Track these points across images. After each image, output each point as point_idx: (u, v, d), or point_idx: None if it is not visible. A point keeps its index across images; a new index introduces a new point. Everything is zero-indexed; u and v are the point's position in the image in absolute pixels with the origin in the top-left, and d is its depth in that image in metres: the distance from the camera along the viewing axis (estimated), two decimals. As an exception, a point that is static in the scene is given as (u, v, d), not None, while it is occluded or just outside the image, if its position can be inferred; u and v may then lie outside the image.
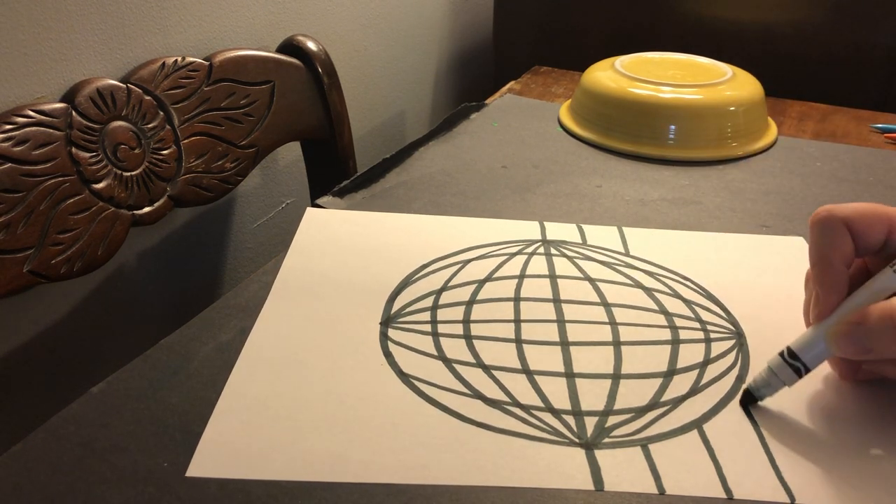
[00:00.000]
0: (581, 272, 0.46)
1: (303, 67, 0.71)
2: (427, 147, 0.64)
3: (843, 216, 0.34)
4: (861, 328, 0.33)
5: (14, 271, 0.51)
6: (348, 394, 0.36)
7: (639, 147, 0.64)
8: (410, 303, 0.43)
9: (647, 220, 0.53)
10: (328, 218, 0.52)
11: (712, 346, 0.40)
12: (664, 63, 0.71)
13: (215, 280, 0.78)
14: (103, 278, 0.65)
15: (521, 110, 0.73)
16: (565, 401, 0.36)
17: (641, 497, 0.31)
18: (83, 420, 0.34)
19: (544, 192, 0.57)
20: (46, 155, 0.53)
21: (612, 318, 0.42)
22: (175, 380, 0.37)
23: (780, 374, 0.35)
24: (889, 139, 0.69)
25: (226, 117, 0.65)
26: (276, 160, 0.82)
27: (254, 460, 0.32)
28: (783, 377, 0.35)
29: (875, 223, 0.34)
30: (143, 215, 0.59)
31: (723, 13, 0.86)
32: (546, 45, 0.99)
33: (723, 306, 0.43)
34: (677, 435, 0.34)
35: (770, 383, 0.35)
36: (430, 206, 0.54)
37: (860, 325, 0.33)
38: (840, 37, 0.82)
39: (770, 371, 0.35)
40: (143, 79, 0.59)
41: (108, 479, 0.31)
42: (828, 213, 0.35)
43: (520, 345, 0.40)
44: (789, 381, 0.35)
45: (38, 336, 0.61)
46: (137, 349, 0.39)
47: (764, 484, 0.32)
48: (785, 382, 0.35)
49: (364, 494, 0.31)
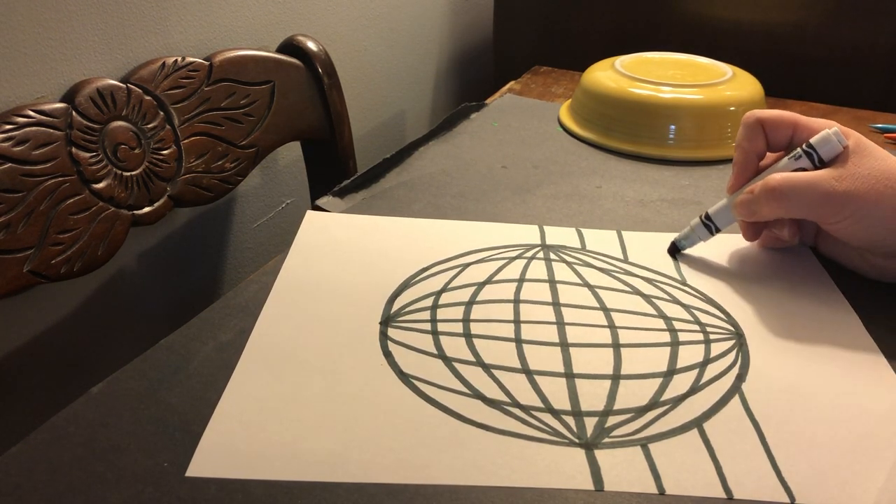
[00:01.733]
0: (580, 278, 0.46)
1: (303, 67, 0.71)
2: (427, 147, 0.64)
3: (759, 117, 0.46)
4: (750, 196, 0.44)
5: (14, 271, 0.51)
6: (348, 394, 0.36)
7: (639, 147, 0.64)
8: (410, 303, 0.43)
9: (647, 220, 0.53)
10: (328, 221, 0.52)
11: (712, 346, 0.40)
12: (664, 63, 0.71)
13: (215, 280, 0.78)
14: (103, 278, 0.65)
15: (521, 110, 0.73)
16: (565, 401, 0.36)
17: (641, 497, 0.31)
18: (83, 420, 0.34)
19: (544, 192, 0.57)
20: (46, 155, 0.53)
21: (612, 322, 0.42)
22: (175, 380, 0.37)
23: (698, 231, 0.48)
24: (889, 139, 0.69)
25: (226, 117, 0.65)
26: (276, 160, 0.82)
27: (254, 460, 0.32)
28: (699, 234, 0.48)
29: (782, 125, 0.45)
30: (143, 215, 0.59)
31: (723, 13, 0.86)
32: (546, 45, 0.99)
33: (722, 308, 0.43)
34: (677, 434, 0.34)
35: (690, 237, 0.48)
36: (430, 207, 0.54)
37: (749, 193, 0.44)
38: (840, 37, 0.82)
39: (691, 229, 0.48)
40: (143, 79, 0.59)
41: (108, 479, 0.31)
42: (750, 115, 0.46)
43: (520, 344, 0.40)
44: (704, 237, 0.48)
45: (38, 336, 0.61)
46: (137, 349, 0.39)
47: (764, 484, 0.32)
48: (701, 238, 0.48)
49: (364, 494, 0.31)
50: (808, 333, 0.41)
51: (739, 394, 0.37)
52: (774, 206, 0.43)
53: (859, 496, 0.31)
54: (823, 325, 0.42)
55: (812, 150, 0.44)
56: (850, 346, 0.40)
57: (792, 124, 0.45)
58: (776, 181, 0.43)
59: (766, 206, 0.43)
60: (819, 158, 0.43)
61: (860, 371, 0.38)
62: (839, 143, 0.43)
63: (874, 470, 0.32)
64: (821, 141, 0.43)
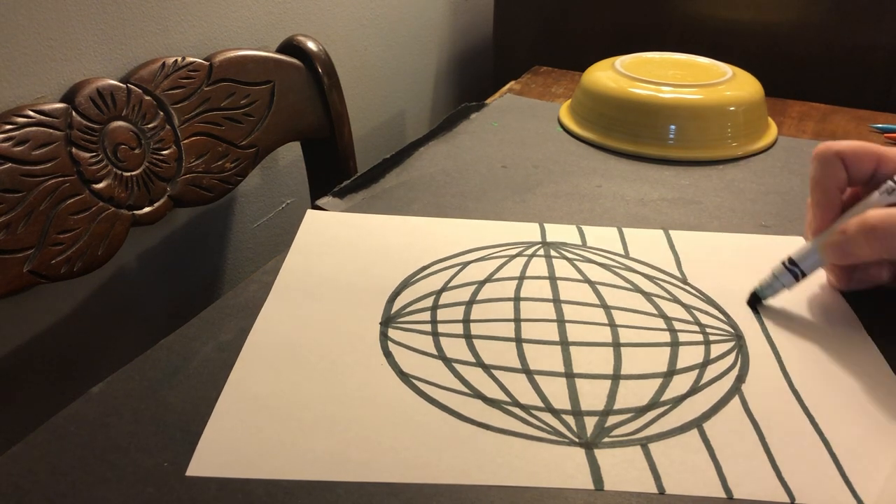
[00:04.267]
0: (581, 274, 0.46)
1: (303, 67, 0.71)
2: (427, 147, 0.64)
3: (837, 150, 0.42)
4: (843, 236, 0.40)
5: (14, 271, 0.51)
6: (348, 394, 0.36)
7: (639, 147, 0.64)
8: (410, 303, 0.43)
9: (647, 220, 0.53)
10: (328, 220, 0.52)
11: (712, 347, 0.40)
12: (664, 63, 0.71)
13: (215, 280, 0.78)
14: (103, 278, 0.65)
15: (521, 110, 0.73)
16: (565, 401, 0.36)
17: (641, 497, 0.31)
18: (83, 420, 0.34)
19: (544, 192, 0.57)
20: (46, 155, 0.53)
21: (612, 321, 0.42)
22: (175, 380, 0.37)
23: (782, 278, 0.43)
24: (889, 139, 0.69)
25: (226, 117, 0.65)
26: (276, 160, 0.82)
27: (254, 460, 0.32)
28: (784, 281, 0.43)
29: (864, 157, 0.42)
30: (143, 215, 0.59)
31: (723, 13, 0.86)
32: (546, 45, 0.99)
33: (722, 310, 0.43)
34: (677, 434, 0.34)
35: (772, 285, 0.43)
36: (430, 207, 0.54)
37: (842, 233, 0.40)
38: (840, 37, 0.82)
39: (773, 276, 0.43)
40: (143, 79, 0.59)
41: (108, 479, 0.31)
42: (826, 148, 0.42)
43: (520, 344, 0.40)
44: (788, 285, 0.43)
45: (38, 336, 0.61)
46: (137, 349, 0.39)
47: (764, 484, 0.32)
48: (785, 285, 0.43)
49: (364, 494, 0.31)
50: (808, 335, 0.41)
51: (739, 394, 0.37)
52: (876, 247, 0.39)
53: (859, 496, 0.31)
54: (823, 326, 0.42)
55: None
56: (850, 347, 0.40)
57: (875, 156, 0.41)
58: (877, 218, 0.38)
59: (867, 246, 0.39)
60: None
61: (860, 371, 0.38)
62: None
63: (874, 470, 0.32)
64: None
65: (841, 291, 0.44)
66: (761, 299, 0.43)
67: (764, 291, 0.43)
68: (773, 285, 0.43)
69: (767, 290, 0.43)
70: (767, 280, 0.43)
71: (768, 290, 0.43)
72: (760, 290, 0.43)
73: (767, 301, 0.43)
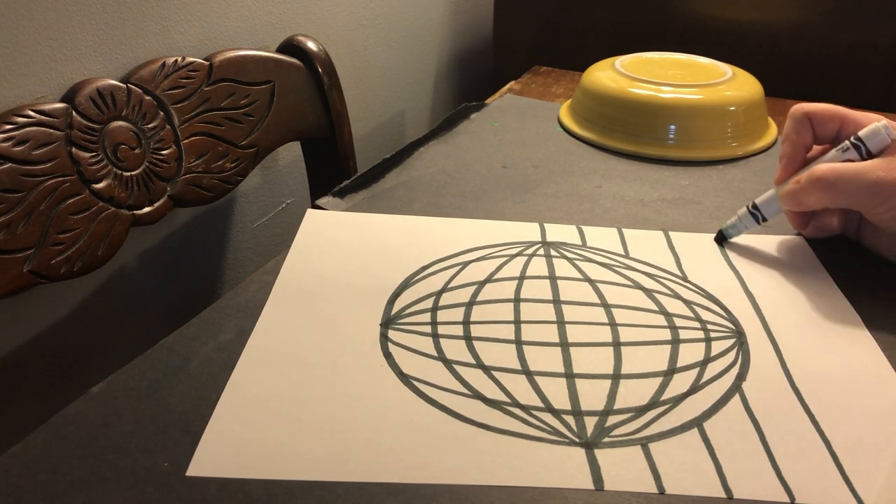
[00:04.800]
0: (581, 273, 0.46)
1: (303, 67, 0.71)
2: (427, 147, 0.64)
3: (806, 111, 0.47)
4: (796, 185, 0.45)
5: (14, 271, 0.51)
6: (348, 394, 0.36)
7: (639, 147, 0.64)
8: (410, 304, 0.43)
9: (647, 220, 0.53)
10: (328, 219, 0.52)
11: (712, 344, 0.40)
12: (664, 63, 0.71)
13: (215, 280, 0.78)
14: (103, 278, 0.65)
15: (521, 110, 0.73)
16: (565, 401, 0.36)
17: (641, 496, 0.31)
18: (83, 420, 0.34)
19: (544, 192, 0.57)
20: (46, 155, 0.53)
21: (612, 319, 0.42)
22: (175, 380, 0.37)
23: (745, 220, 0.49)
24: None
25: (226, 117, 0.65)
26: (276, 160, 0.82)
27: (254, 460, 0.32)
28: (746, 223, 0.49)
29: (829, 118, 0.46)
30: (143, 215, 0.59)
31: (723, 13, 0.86)
32: (546, 45, 0.99)
33: (723, 306, 0.43)
34: (677, 434, 0.34)
35: (737, 226, 0.49)
36: (430, 207, 0.54)
37: (796, 183, 0.45)
38: (840, 37, 0.82)
39: (738, 218, 0.49)
40: (143, 79, 0.59)
41: (108, 479, 0.31)
42: (797, 108, 0.47)
43: (520, 346, 0.40)
44: (751, 226, 0.49)
45: (38, 336, 0.61)
46: (137, 349, 0.39)
47: (764, 484, 0.32)
48: (747, 226, 0.49)
49: (364, 494, 0.31)
50: (809, 332, 0.41)
51: (740, 393, 0.37)
52: (820, 196, 0.44)
53: (859, 495, 0.31)
54: (824, 323, 0.42)
55: (860, 143, 0.44)
56: (851, 346, 0.40)
57: (839, 118, 0.46)
58: (822, 170, 0.43)
59: (813, 195, 0.44)
60: (867, 151, 0.44)
61: (860, 370, 0.38)
62: (888, 135, 0.43)
63: (874, 470, 0.32)
64: (870, 133, 0.44)
65: (843, 292, 0.45)
66: (726, 238, 0.49)
67: (729, 231, 0.49)
68: (737, 226, 0.49)
69: (732, 229, 0.49)
70: (733, 221, 0.49)
71: (733, 230, 0.49)
72: (726, 230, 0.49)
73: (732, 239, 0.49)
